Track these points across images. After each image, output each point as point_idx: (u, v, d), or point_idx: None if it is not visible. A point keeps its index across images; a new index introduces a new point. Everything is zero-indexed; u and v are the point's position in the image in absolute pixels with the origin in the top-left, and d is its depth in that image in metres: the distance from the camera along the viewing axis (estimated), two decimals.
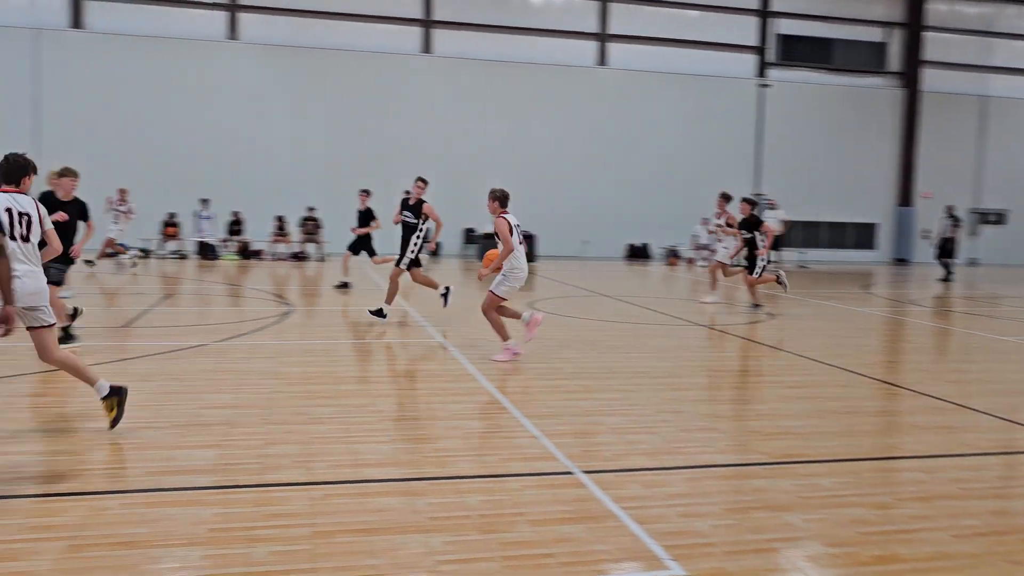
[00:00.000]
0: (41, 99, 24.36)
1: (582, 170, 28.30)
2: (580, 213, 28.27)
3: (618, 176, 28.72)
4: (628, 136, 28.69)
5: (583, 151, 28.32)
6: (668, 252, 27.75)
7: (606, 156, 28.55)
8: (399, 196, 12.54)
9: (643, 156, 28.78)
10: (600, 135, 28.47)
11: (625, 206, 28.72)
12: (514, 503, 4.48)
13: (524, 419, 6.22)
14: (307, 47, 26.12)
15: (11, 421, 5.80)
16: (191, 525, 4.02)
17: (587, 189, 28.28)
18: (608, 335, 10.66)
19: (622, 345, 9.86)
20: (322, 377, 7.59)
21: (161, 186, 24.45)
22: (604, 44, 28.75)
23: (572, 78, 28.22)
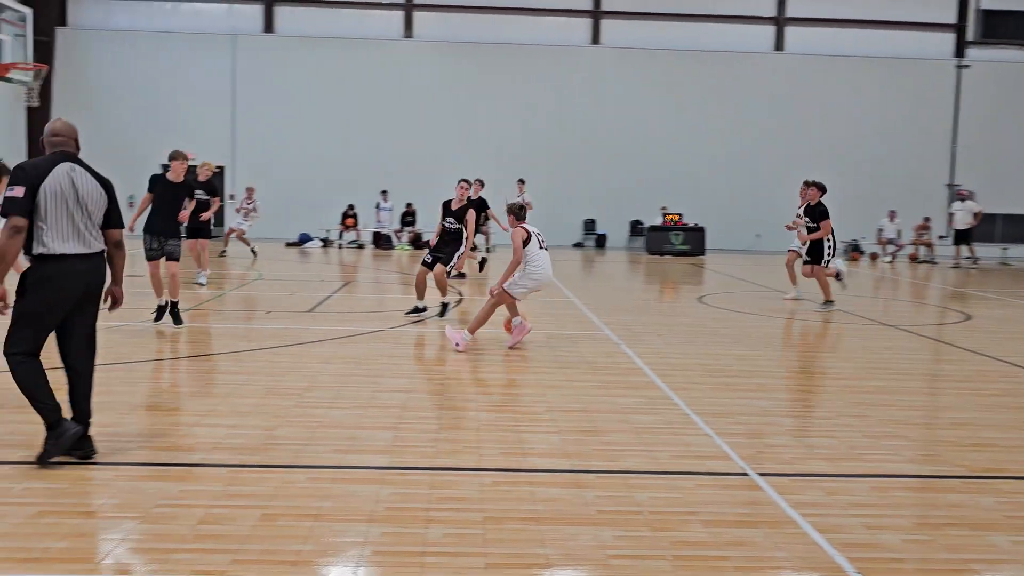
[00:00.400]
0: (236, 98, 26.33)
1: (757, 160, 27.24)
2: (752, 205, 27.24)
3: (794, 166, 27.41)
4: (806, 124, 27.30)
5: (758, 140, 27.24)
6: (849, 246, 26.19)
7: (780, 145, 27.31)
8: (576, 188, 12.48)
9: (822, 145, 27.31)
10: (775, 123, 27.25)
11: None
12: (686, 502, 4.36)
13: (695, 416, 6.06)
14: (478, 42, 26.69)
15: (207, 396, 6.29)
16: (371, 502, 4.20)
17: (761, 180, 27.18)
18: (782, 332, 10.20)
19: (798, 343, 9.41)
20: (490, 366, 7.73)
21: (341, 178, 25.80)
22: (781, 28, 27.51)
23: (748, 65, 27.20)
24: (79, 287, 4.63)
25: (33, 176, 4.48)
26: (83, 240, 4.64)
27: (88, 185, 4.68)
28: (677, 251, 23.64)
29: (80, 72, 25.82)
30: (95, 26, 26.13)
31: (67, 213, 4.56)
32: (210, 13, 26.58)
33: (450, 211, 10.49)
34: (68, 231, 4.57)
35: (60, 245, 4.53)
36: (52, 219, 4.51)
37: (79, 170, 4.68)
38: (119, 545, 3.64)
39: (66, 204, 4.55)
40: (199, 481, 4.45)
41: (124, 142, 26.08)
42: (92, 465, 4.65)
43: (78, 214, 4.61)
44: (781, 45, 27.56)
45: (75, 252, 4.59)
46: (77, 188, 4.61)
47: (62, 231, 4.55)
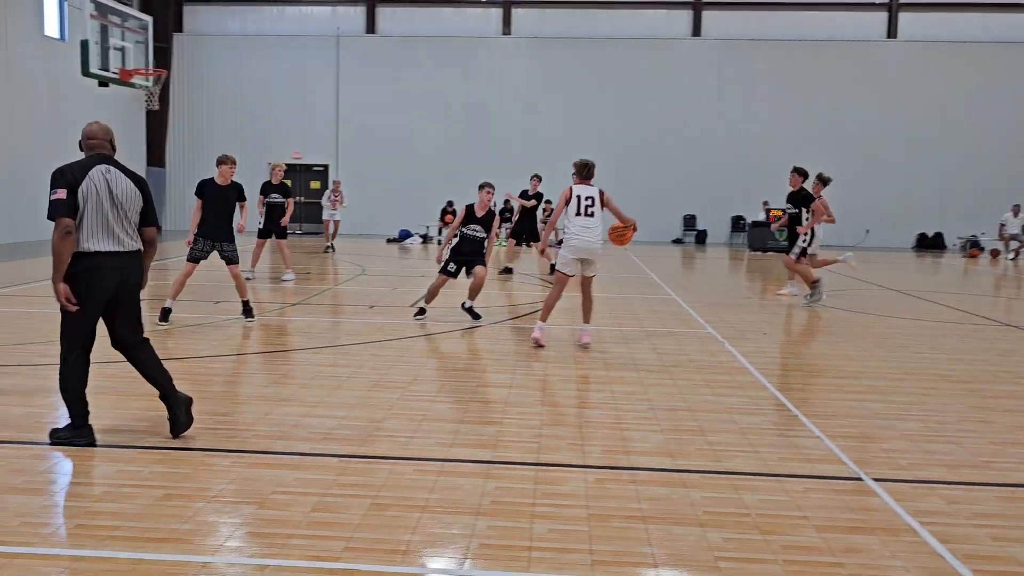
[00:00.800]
0: (339, 98, 27.06)
1: (864, 153, 26.19)
2: (861, 199, 26.22)
3: (906, 159, 26.25)
4: (919, 114, 26.08)
5: (865, 132, 26.19)
6: (967, 242, 24.90)
7: (893, 136, 26.18)
8: (676, 183, 12.26)
9: (936, 136, 26.05)
10: (886, 114, 26.15)
11: (914, 191, 26.21)
12: (797, 505, 4.24)
13: (803, 417, 5.88)
14: (577, 37, 26.59)
15: (316, 388, 6.49)
16: (476, 496, 4.25)
17: (870, 173, 26.15)
18: (896, 333, 9.78)
19: (913, 344, 9.00)
20: (591, 363, 7.70)
21: (441, 174, 26.17)
22: (894, 14, 26.34)
23: (858, 53, 26.16)
24: (112, 282, 4.84)
25: (71, 178, 4.73)
26: (117, 239, 4.86)
27: (123, 185, 4.91)
28: (781, 247, 22.95)
29: (195, 76, 27.07)
30: (209, 32, 27.34)
31: (102, 213, 4.79)
32: (315, 16, 27.40)
33: (475, 218, 9.68)
34: (102, 230, 4.80)
35: (93, 243, 4.76)
36: (87, 219, 4.75)
37: (114, 171, 4.91)
38: (239, 528, 3.80)
39: (102, 204, 4.79)
40: (311, 470, 4.59)
41: (235, 142, 27.18)
42: (212, 452, 4.87)
43: (113, 214, 4.84)
44: (894, 32, 26.39)
45: (107, 250, 4.81)
46: (112, 189, 4.84)
47: (96, 230, 4.78)
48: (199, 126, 27.17)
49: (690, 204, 26.57)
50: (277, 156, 27.18)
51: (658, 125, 26.41)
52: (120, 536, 3.68)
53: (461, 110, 26.80)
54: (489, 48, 26.89)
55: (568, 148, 26.14)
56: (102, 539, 3.64)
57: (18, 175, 20.17)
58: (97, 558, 3.47)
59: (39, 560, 3.45)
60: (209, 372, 6.97)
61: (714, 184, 26.50)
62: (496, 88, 26.73)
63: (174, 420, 5.04)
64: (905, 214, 26.33)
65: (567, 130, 26.52)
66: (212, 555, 3.53)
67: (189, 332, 8.88)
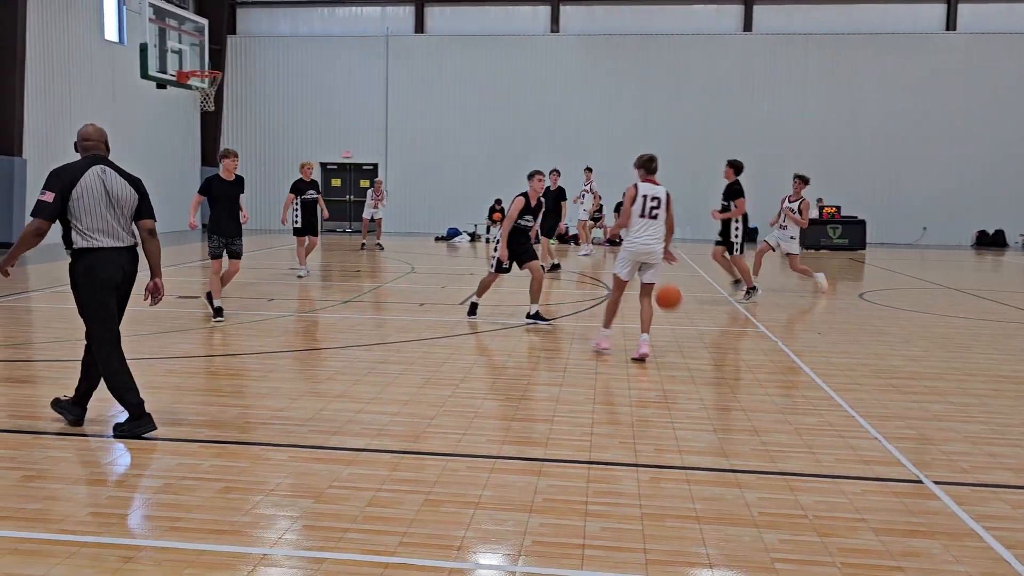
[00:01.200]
0: (388, 97, 27.31)
1: (921, 147, 25.55)
2: (918, 196, 25.63)
3: (965, 154, 25.54)
4: (979, 109, 25.34)
5: (922, 127, 25.54)
6: None
7: (949, 132, 25.49)
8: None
9: (998, 131, 25.29)
10: (943, 108, 25.46)
11: (974, 188, 25.48)
12: (855, 508, 4.17)
13: (861, 419, 5.77)
14: (625, 34, 26.43)
15: (369, 384, 6.56)
16: (529, 493, 4.26)
17: (927, 169, 25.51)
18: (955, 332, 9.54)
19: (974, 344, 8.77)
20: (643, 361, 7.63)
21: (489, 173, 26.26)
22: (953, 6, 25.64)
23: (915, 45, 25.51)
24: (118, 272, 5.06)
25: (66, 181, 4.93)
26: (115, 235, 5.06)
27: (118, 185, 5.09)
28: (834, 245, 22.55)
29: (247, 77, 27.56)
30: (261, 33, 27.80)
31: (100, 212, 4.99)
32: (365, 17, 27.68)
33: (530, 208, 9.45)
34: (101, 228, 4.99)
35: (94, 240, 4.96)
36: (87, 218, 4.95)
37: (109, 172, 5.10)
38: (296, 522, 3.86)
39: (99, 204, 4.98)
40: (365, 465, 4.65)
41: (285, 142, 27.65)
42: (269, 446, 4.96)
43: (111, 213, 5.03)
44: (953, 24, 25.69)
45: (109, 246, 5.02)
46: (108, 189, 5.03)
47: (95, 228, 4.97)
48: (251, 126, 27.66)
49: None
50: (327, 155, 27.59)
51: (707, 121, 26.11)
52: (182, 527, 3.77)
53: (509, 108, 26.83)
54: (537, 46, 26.86)
55: (615, 145, 26.05)
56: (165, 530, 3.74)
57: None
58: (160, 548, 3.56)
59: (106, 549, 3.55)
60: (265, 368, 7.09)
61: (765, 181, 26.11)
62: (544, 86, 26.70)
63: (61, 410, 5.30)
64: (963, 211, 25.63)
65: (614, 127, 26.38)
66: (270, 547, 3.60)
67: (243, 328, 9.05)
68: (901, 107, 25.53)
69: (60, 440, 5.05)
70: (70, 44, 20.37)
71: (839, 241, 22.58)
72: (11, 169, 17.97)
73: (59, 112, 20.07)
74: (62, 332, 8.46)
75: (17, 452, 4.81)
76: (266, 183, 27.59)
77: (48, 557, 3.45)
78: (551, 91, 26.68)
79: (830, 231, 22.73)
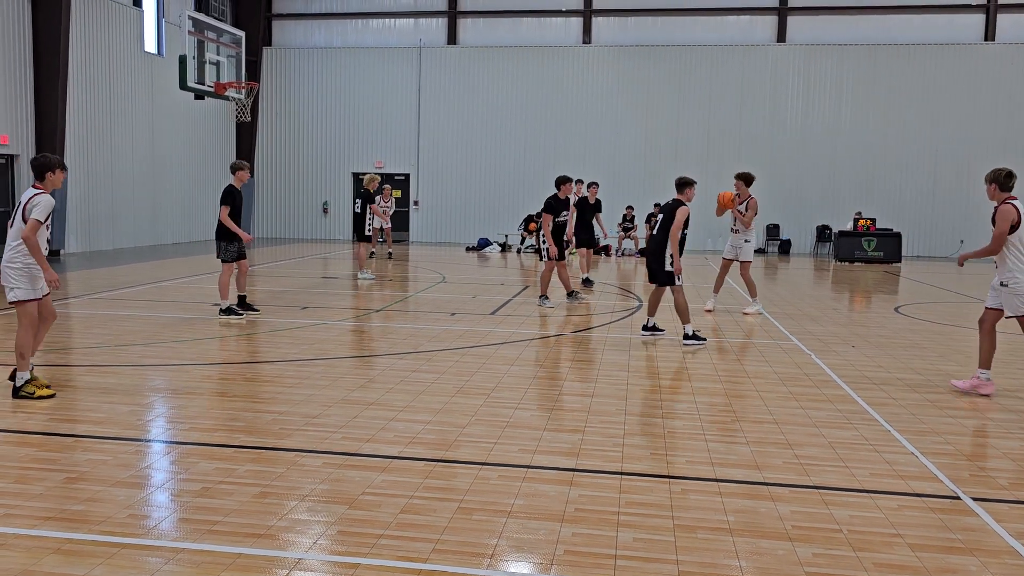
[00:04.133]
0: (421, 108, 27.52)
1: (959, 159, 25.18)
2: (955, 208, 25.23)
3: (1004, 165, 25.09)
4: (1019, 120, 24.90)
5: (960, 138, 25.17)
6: None
7: (987, 143, 25.06)
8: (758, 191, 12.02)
9: None
10: (982, 120, 25.07)
11: None
12: (891, 523, 4.12)
13: (896, 433, 5.71)
14: (657, 45, 26.40)
15: (402, 392, 6.62)
16: (561, 503, 4.27)
17: (964, 181, 25.11)
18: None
19: (1013, 360, 8.62)
20: (674, 372, 7.63)
21: (520, 183, 26.33)
22: (992, 16, 25.29)
23: (955, 56, 25.17)
24: None
25: None
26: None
27: None
28: (869, 258, 22.29)
29: (283, 88, 27.92)
30: (296, 45, 28.16)
31: None
32: (398, 28, 27.94)
33: (564, 205, 11.70)
34: None
35: None
36: None
37: None
38: (331, 527, 3.91)
39: None
40: (399, 472, 4.69)
41: (318, 152, 27.97)
42: (304, 452, 5.02)
43: None
44: (992, 34, 25.34)
45: None
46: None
47: None
48: (285, 137, 28.00)
49: (774, 213, 26.01)
50: (360, 166, 27.84)
51: (740, 133, 25.98)
52: (220, 531, 3.84)
53: (541, 119, 26.91)
54: (569, 57, 26.92)
55: (648, 157, 26.02)
56: (203, 533, 3.81)
57: (118, 183, 21.16)
58: (198, 551, 3.62)
59: (145, 551, 3.62)
60: (299, 375, 7.17)
61: (799, 193, 25.92)
62: (576, 97, 26.74)
63: None
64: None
65: (647, 139, 26.34)
66: (305, 552, 3.65)
67: (277, 336, 9.17)
68: (939, 118, 25.20)
69: (100, 443, 5.15)
70: (111, 56, 20.80)
71: (874, 254, 22.30)
72: None
73: (99, 123, 20.49)
74: (102, 338, 8.63)
75: (60, 455, 4.92)
76: (298, 192, 27.93)
77: (90, 557, 3.53)
78: (583, 102, 26.72)
79: (865, 243, 22.46)
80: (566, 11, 26.99)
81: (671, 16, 26.49)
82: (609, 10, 26.81)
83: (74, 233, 19.61)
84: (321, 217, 28.25)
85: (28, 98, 18.22)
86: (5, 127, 17.65)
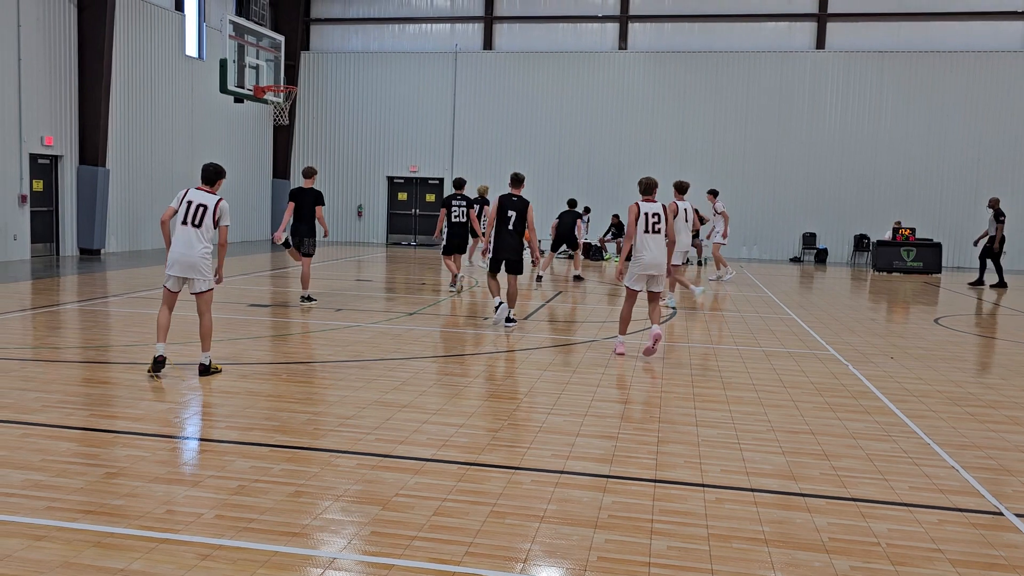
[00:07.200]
0: (456, 113, 27.65)
1: (1001, 169, 24.67)
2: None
3: None
4: None
5: (1003, 147, 24.65)
6: None
7: None
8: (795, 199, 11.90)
9: None
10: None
11: None
12: (930, 537, 4.05)
13: (937, 447, 5.60)
14: (694, 52, 26.25)
15: (435, 395, 6.63)
16: (594, 509, 4.25)
17: (1006, 191, 24.61)
18: None
19: None
20: (708, 381, 7.57)
21: (554, 188, 26.32)
22: None
23: (991, 65, 24.72)
24: None
25: None
26: None
27: None
28: (908, 268, 21.93)
29: (320, 92, 28.21)
30: (334, 49, 28.45)
31: None
32: (434, 33, 28.10)
33: None
34: None
35: None
36: None
37: None
38: (364, 528, 3.93)
39: None
40: (432, 475, 4.70)
41: (354, 155, 28.21)
42: (338, 453, 5.05)
43: None
44: None
45: None
46: None
47: None
48: (321, 140, 28.29)
49: (810, 222, 25.72)
50: (394, 169, 28.04)
51: (777, 140, 25.73)
52: (255, 528, 3.87)
53: (576, 125, 26.89)
54: (605, 63, 26.88)
55: (684, 163, 25.85)
56: (239, 530, 3.84)
57: (158, 184, 21.51)
58: (234, 548, 3.66)
59: (183, 546, 3.67)
60: (333, 376, 7.23)
61: (836, 201, 25.59)
62: (612, 103, 26.68)
63: None
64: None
65: (683, 145, 26.18)
66: (340, 552, 3.67)
67: (312, 338, 9.25)
68: (981, 127, 24.76)
69: (138, 440, 5.23)
70: (153, 60, 21.17)
71: (913, 264, 21.94)
72: (95, 179, 18.73)
73: (141, 125, 20.86)
74: (140, 336, 8.76)
75: (100, 450, 5.00)
76: (333, 195, 28.19)
77: (128, 551, 3.58)
78: (618, 108, 26.65)
79: (904, 253, 22.11)
80: (602, 17, 26.96)
81: (708, 22, 26.34)
82: (645, 16, 26.73)
83: (115, 233, 19.96)
84: (355, 220, 28.48)
85: (72, 101, 18.62)
86: (50, 129, 18.04)
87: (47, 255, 18.32)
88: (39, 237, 18.14)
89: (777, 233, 25.76)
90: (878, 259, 22.27)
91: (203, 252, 6.97)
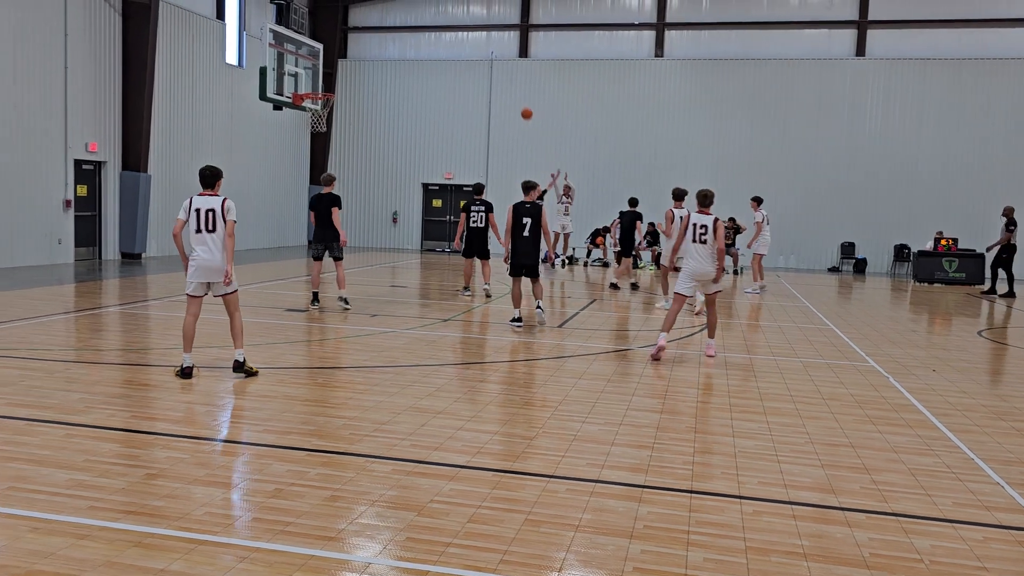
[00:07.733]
0: (491, 120, 27.74)
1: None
2: None
3: None
4: None
5: None
6: None
7: None
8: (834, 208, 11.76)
9: None
10: None
11: None
12: (975, 555, 3.96)
13: (980, 462, 5.48)
14: (731, 59, 26.07)
15: (470, 402, 6.64)
16: (629, 519, 4.22)
17: None
18: None
19: None
20: (745, 391, 7.49)
21: (589, 195, 26.27)
22: None
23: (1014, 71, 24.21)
24: None
25: None
26: None
27: None
28: (950, 279, 21.52)
29: (356, 99, 28.48)
30: (371, 57, 28.71)
31: None
32: (470, 41, 28.24)
33: None
34: None
35: None
36: None
37: None
38: (399, 533, 3.94)
39: None
40: (466, 482, 4.70)
41: (390, 162, 28.42)
42: (373, 458, 5.07)
43: None
44: None
45: None
46: None
47: None
48: (358, 147, 28.54)
49: (849, 231, 25.37)
50: (429, 176, 28.20)
51: (815, 148, 25.42)
52: (292, 532, 3.90)
53: (612, 133, 26.82)
54: (641, 71, 26.80)
55: (721, 171, 25.65)
56: (276, 533, 3.88)
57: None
58: (271, 550, 3.69)
59: (221, 548, 3.71)
60: (368, 382, 7.27)
61: (875, 211, 25.21)
62: (648, 111, 26.58)
63: None
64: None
65: (720, 153, 25.99)
66: (375, 556, 3.68)
67: (348, 343, 9.31)
68: (1007, 133, 24.23)
69: (178, 442, 5.30)
70: (194, 67, 21.53)
71: (955, 275, 21.52)
72: (138, 184, 19.08)
73: (181, 131, 21.21)
74: (179, 340, 8.88)
75: (141, 451, 5.08)
76: (369, 202, 28.42)
77: (169, 552, 3.63)
78: (655, 116, 26.54)
79: (946, 264, 21.71)
80: (638, 24, 26.89)
81: (745, 29, 26.14)
82: (682, 23, 26.61)
83: (155, 237, 20.30)
84: (391, 226, 28.66)
85: (116, 107, 19.00)
86: (95, 135, 18.43)
87: (90, 259, 18.70)
88: (82, 241, 18.52)
89: (815, 242, 25.44)
90: (919, 269, 21.89)
91: (225, 256, 7.21)
